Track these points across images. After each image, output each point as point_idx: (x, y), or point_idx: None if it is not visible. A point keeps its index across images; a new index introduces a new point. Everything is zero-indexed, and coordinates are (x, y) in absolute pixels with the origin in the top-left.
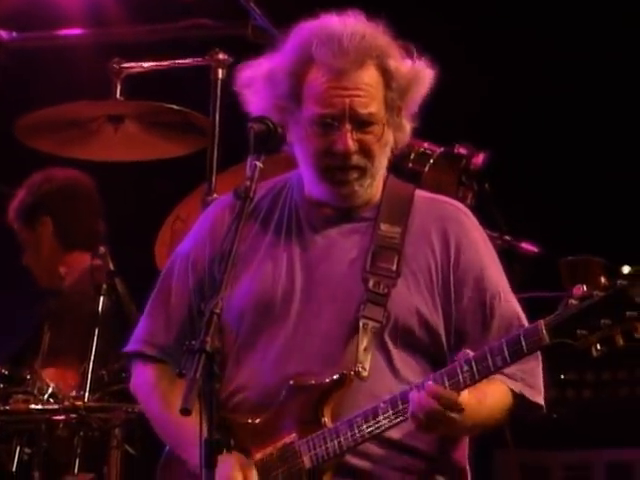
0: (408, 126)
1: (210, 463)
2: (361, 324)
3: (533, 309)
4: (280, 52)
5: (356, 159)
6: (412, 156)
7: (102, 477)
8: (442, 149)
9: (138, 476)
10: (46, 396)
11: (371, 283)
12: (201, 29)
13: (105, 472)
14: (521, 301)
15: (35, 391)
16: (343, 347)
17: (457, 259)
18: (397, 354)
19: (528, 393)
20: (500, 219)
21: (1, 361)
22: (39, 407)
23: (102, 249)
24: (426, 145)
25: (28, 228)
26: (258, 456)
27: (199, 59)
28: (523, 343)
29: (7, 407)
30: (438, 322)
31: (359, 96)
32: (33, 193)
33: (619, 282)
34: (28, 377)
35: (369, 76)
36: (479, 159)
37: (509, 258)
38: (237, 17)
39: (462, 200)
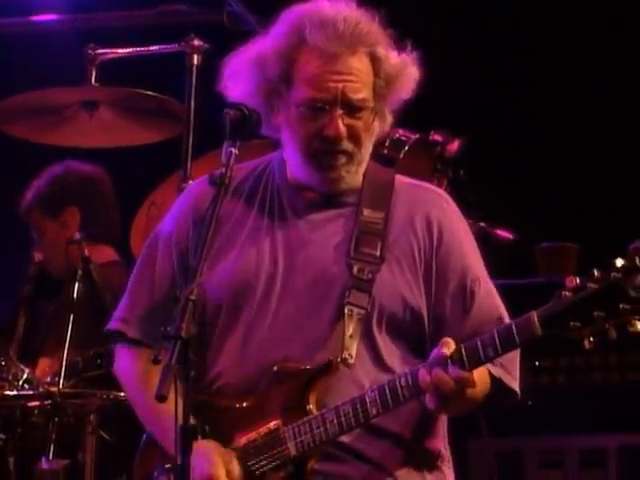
0: (389, 117)
1: (185, 449)
2: (346, 311)
3: (510, 296)
4: (269, 35)
5: (345, 144)
6: (387, 142)
7: (77, 463)
8: (417, 136)
9: (113, 462)
10: (21, 382)
11: (355, 269)
12: (178, 15)
13: (80, 458)
14: (496, 288)
15: (10, 377)
16: (328, 333)
17: (439, 244)
18: (382, 341)
19: (506, 379)
20: (475, 206)
21: None
22: (13, 393)
23: (77, 235)
24: (401, 132)
25: (50, 217)
26: (242, 441)
27: (174, 45)
28: (515, 334)
29: None
30: (422, 307)
31: (352, 81)
32: (57, 183)
33: (613, 275)
34: (2, 363)
35: (361, 62)
36: (454, 146)
37: (484, 244)
38: (213, 3)
39: (437, 187)
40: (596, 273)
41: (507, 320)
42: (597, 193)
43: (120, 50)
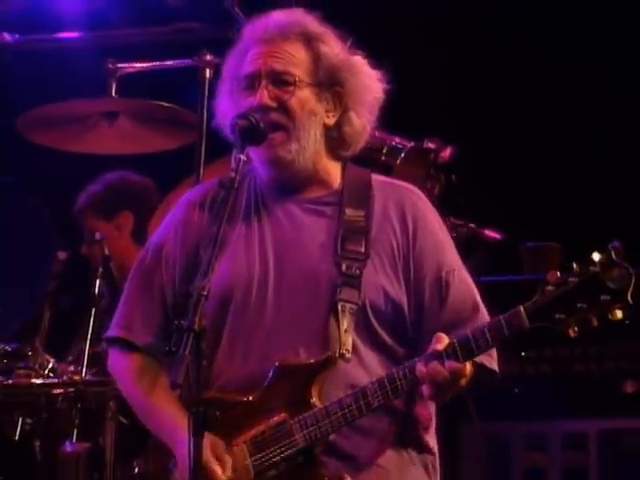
0: (358, 122)
1: (197, 433)
2: (339, 307)
3: (497, 292)
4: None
5: (275, 116)
6: (384, 150)
7: (98, 446)
8: (412, 143)
9: (131, 445)
10: (46, 371)
11: (344, 266)
12: (190, 32)
13: (101, 441)
14: (485, 284)
15: (36, 366)
16: (323, 329)
17: (415, 239)
18: (372, 334)
19: (487, 361)
20: (466, 208)
21: (4, 338)
22: (40, 381)
23: (98, 235)
24: (397, 140)
25: (103, 218)
26: (250, 434)
27: (188, 60)
28: (505, 327)
29: (10, 381)
30: (402, 299)
31: (277, 57)
32: (114, 188)
33: (591, 269)
34: (30, 353)
35: (293, 48)
36: (446, 153)
37: (474, 244)
38: (224, 21)
39: (430, 191)
40: (575, 267)
41: (481, 305)
42: (578, 196)
43: (138, 64)
